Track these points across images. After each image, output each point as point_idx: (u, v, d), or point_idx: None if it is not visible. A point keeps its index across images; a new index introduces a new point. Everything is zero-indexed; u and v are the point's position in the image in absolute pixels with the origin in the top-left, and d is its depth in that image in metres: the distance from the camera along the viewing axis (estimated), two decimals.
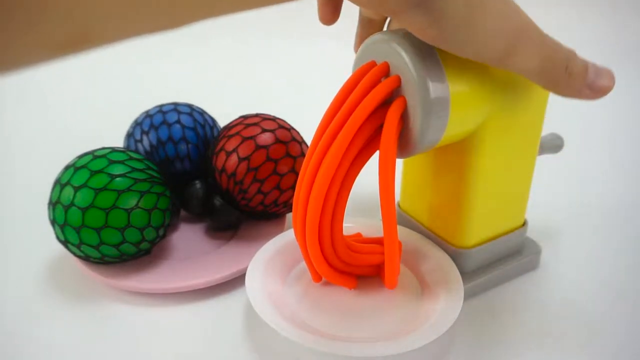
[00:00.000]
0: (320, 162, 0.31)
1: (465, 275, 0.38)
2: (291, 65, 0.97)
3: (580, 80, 0.28)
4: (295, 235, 0.34)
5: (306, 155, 0.32)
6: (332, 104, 0.32)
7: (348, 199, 0.32)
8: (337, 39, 0.94)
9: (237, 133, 0.42)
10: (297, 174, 0.42)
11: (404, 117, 0.30)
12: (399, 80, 0.29)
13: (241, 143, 0.41)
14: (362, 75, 0.31)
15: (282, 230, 0.44)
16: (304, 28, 1.20)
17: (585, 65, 0.28)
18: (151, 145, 0.44)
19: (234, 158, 0.41)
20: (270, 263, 0.38)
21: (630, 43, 1.03)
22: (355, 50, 0.33)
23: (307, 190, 0.31)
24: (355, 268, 0.36)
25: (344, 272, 0.36)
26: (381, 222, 0.39)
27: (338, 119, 0.30)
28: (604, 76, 0.28)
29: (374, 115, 0.30)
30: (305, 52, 1.03)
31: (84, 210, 0.36)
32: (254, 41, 1.12)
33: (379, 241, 0.38)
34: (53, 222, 0.37)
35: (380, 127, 0.30)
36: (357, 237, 0.39)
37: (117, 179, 0.37)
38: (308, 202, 0.31)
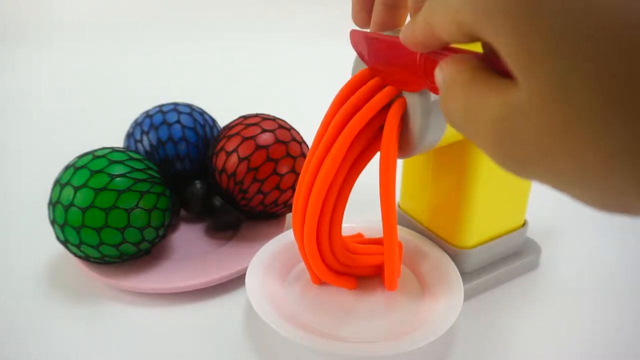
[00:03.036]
0: (320, 164, 0.31)
1: (465, 275, 0.38)
2: (291, 65, 0.97)
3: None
4: (295, 237, 0.34)
5: (307, 157, 0.32)
6: (330, 108, 0.32)
7: (348, 200, 0.32)
8: (337, 38, 0.94)
9: (237, 133, 0.42)
10: (297, 174, 0.42)
11: (404, 118, 0.30)
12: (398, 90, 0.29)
13: (241, 143, 0.41)
14: (360, 82, 0.31)
15: (282, 231, 0.44)
16: (305, 28, 1.20)
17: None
18: (151, 145, 0.44)
19: (234, 158, 0.41)
20: (270, 263, 0.38)
21: None
22: (357, 21, 0.32)
23: (307, 193, 0.31)
24: (355, 269, 0.36)
25: (343, 273, 0.36)
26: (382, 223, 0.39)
27: (337, 122, 0.30)
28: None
29: (374, 117, 0.30)
30: (306, 52, 1.03)
31: (84, 210, 0.36)
32: (254, 41, 1.12)
33: (379, 242, 0.38)
34: (53, 222, 0.37)
35: (380, 129, 0.30)
36: (358, 238, 0.39)
37: (117, 179, 0.37)
38: (307, 204, 0.31)
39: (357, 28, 0.32)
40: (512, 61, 0.15)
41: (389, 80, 0.30)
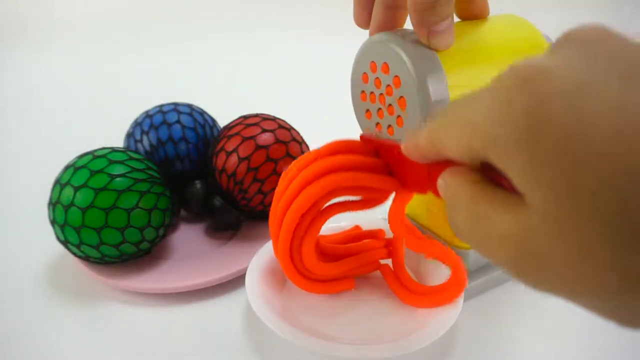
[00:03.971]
0: (296, 196, 0.31)
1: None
2: (291, 65, 0.97)
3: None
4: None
5: (281, 179, 0.33)
6: (325, 149, 0.32)
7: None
8: (337, 38, 0.94)
9: (237, 133, 0.42)
10: None
11: (404, 119, 0.30)
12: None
13: (241, 143, 0.41)
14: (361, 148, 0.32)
15: None
16: (305, 28, 1.20)
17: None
18: (151, 145, 0.44)
19: (234, 158, 0.41)
20: (270, 264, 0.38)
21: None
22: (358, 22, 0.32)
23: (281, 218, 0.32)
24: (347, 272, 0.36)
25: (336, 279, 0.36)
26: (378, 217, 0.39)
27: (328, 167, 0.31)
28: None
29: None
30: (306, 52, 1.03)
31: (84, 210, 0.36)
32: (254, 41, 1.12)
33: (373, 235, 0.38)
34: (53, 222, 0.37)
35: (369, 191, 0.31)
36: (355, 231, 0.39)
37: (117, 179, 0.37)
38: (280, 231, 0.32)
39: (357, 30, 0.32)
40: (524, 187, 0.16)
41: (394, 172, 0.31)
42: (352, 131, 0.34)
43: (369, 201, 0.32)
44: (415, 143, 0.22)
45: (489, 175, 0.19)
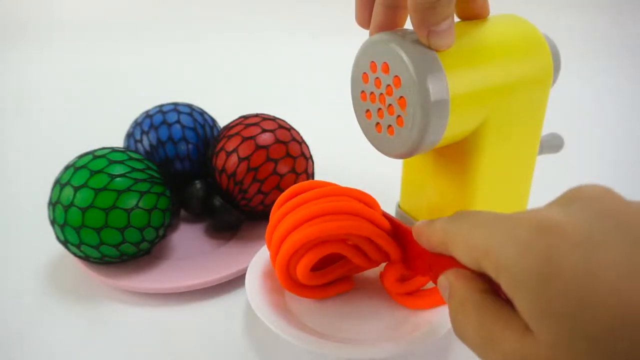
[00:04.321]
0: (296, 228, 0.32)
1: None
2: (291, 65, 0.97)
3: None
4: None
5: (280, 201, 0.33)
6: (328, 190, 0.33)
7: None
8: (337, 38, 0.94)
9: (237, 133, 0.42)
10: (297, 174, 0.42)
11: (404, 119, 0.30)
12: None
13: (241, 143, 0.41)
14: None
15: None
16: (305, 28, 1.20)
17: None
18: (151, 145, 0.44)
19: (234, 158, 0.41)
20: (270, 264, 0.38)
21: (630, 43, 1.03)
22: (360, 22, 0.33)
23: (285, 234, 0.32)
24: (345, 272, 0.36)
25: (334, 282, 0.36)
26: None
27: (335, 208, 0.31)
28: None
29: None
30: (306, 52, 1.03)
31: (84, 210, 0.36)
32: (254, 41, 1.12)
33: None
34: (53, 222, 0.37)
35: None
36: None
37: (117, 179, 0.37)
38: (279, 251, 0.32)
39: (359, 30, 0.32)
40: (532, 320, 0.18)
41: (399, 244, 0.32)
42: (352, 131, 0.34)
43: (366, 258, 0.33)
44: (428, 233, 0.24)
45: (492, 286, 0.21)
